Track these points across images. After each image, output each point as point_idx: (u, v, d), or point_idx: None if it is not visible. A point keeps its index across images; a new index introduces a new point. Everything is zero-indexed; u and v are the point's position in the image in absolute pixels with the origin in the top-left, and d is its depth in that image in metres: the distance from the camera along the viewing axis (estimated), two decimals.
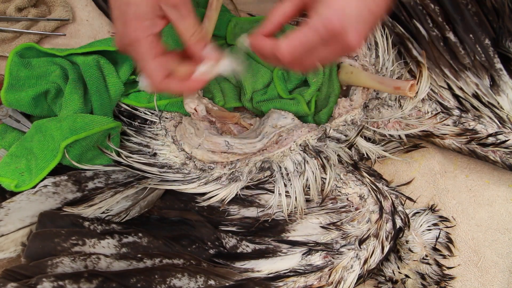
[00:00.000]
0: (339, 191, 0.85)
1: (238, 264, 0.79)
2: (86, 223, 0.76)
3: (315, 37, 0.63)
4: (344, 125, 0.89)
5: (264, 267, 0.79)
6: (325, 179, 0.84)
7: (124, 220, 0.79)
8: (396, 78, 0.94)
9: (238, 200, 0.83)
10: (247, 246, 0.81)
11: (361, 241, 0.82)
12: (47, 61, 0.91)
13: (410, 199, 0.93)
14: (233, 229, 0.81)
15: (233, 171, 0.83)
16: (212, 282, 0.75)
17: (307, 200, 0.85)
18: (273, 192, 0.84)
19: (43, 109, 0.89)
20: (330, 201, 0.85)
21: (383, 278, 0.87)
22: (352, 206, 0.85)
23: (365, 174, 0.86)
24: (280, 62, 0.67)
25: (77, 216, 0.76)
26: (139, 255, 0.74)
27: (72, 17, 1.03)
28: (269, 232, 0.82)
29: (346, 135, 0.88)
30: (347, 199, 0.85)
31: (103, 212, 0.78)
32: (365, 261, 0.82)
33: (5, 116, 0.88)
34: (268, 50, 0.68)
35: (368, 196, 0.84)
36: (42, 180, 0.78)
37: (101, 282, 0.68)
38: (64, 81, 0.88)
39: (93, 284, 0.67)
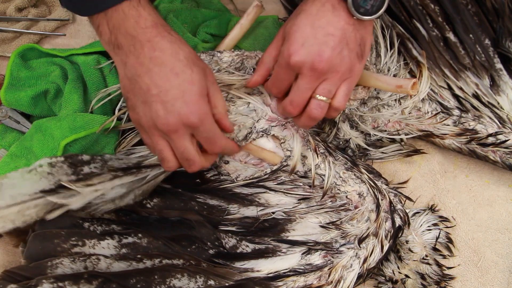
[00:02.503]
0: (338, 189, 0.85)
1: (237, 264, 0.79)
2: (86, 224, 0.76)
3: (281, 71, 0.76)
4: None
5: (263, 267, 0.79)
6: (324, 175, 0.85)
7: (119, 206, 0.79)
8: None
9: (238, 199, 0.83)
10: (247, 246, 0.81)
11: (361, 240, 0.82)
12: (47, 62, 0.91)
13: (409, 198, 0.93)
14: (233, 229, 0.81)
15: None
16: (211, 282, 0.75)
17: (306, 198, 0.85)
18: (273, 191, 0.85)
19: (43, 109, 0.89)
20: (329, 199, 0.85)
21: (383, 278, 0.87)
22: (351, 204, 0.85)
23: (363, 171, 0.86)
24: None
25: (77, 217, 0.76)
26: (139, 256, 0.74)
27: (72, 17, 1.03)
28: (269, 231, 0.82)
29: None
30: (346, 197, 0.85)
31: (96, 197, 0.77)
32: (365, 260, 0.82)
33: (5, 117, 0.88)
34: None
35: (367, 194, 0.85)
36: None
37: (101, 283, 0.68)
38: (64, 81, 0.88)
39: (93, 285, 0.67)
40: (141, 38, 0.67)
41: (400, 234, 0.86)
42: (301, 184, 0.86)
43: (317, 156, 0.84)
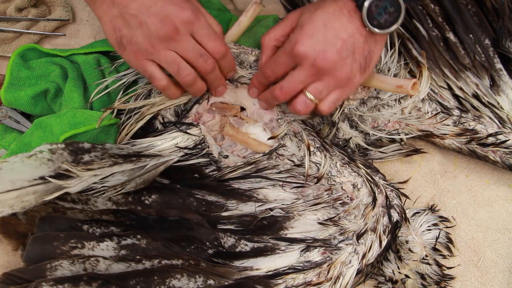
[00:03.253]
0: (334, 180, 0.85)
1: (237, 263, 0.79)
2: (85, 226, 0.76)
3: (283, 55, 0.78)
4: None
5: (263, 265, 0.79)
6: (320, 164, 0.86)
7: (120, 192, 0.79)
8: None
9: (236, 194, 0.83)
10: (246, 244, 0.81)
11: (359, 236, 0.82)
12: (47, 61, 0.92)
13: (405, 195, 0.92)
14: (231, 227, 0.81)
15: None
16: (211, 281, 0.75)
17: (303, 186, 0.86)
18: (270, 179, 0.86)
19: (43, 108, 0.90)
20: (326, 192, 0.85)
21: (383, 278, 0.87)
22: (347, 197, 0.85)
23: (360, 165, 0.87)
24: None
25: (76, 219, 0.76)
26: (138, 257, 0.74)
27: (72, 17, 1.03)
28: (267, 230, 0.82)
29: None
30: (342, 187, 0.85)
31: (96, 182, 0.77)
32: (364, 256, 0.82)
33: (5, 117, 0.89)
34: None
35: (362, 186, 0.85)
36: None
37: (101, 285, 0.68)
38: (64, 80, 0.89)
39: (93, 287, 0.67)
40: None
41: (398, 230, 0.86)
42: (296, 174, 0.86)
43: (309, 154, 0.85)
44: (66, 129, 0.81)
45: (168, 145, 0.85)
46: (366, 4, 0.73)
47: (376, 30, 0.74)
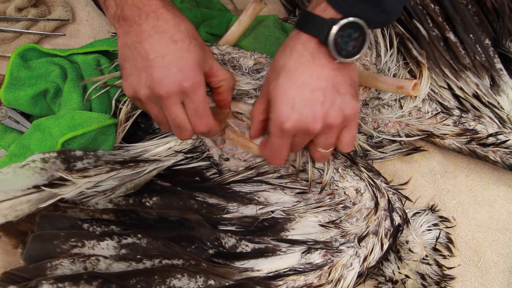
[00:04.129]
0: (336, 185, 0.85)
1: (237, 264, 0.79)
2: (85, 225, 0.75)
3: (277, 139, 0.74)
4: None
5: (263, 266, 0.79)
6: (323, 169, 0.85)
7: (109, 197, 0.79)
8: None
9: (237, 197, 0.83)
10: (247, 245, 0.81)
11: (360, 239, 0.82)
12: (47, 61, 0.91)
13: (407, 198, 0.93)
14: (232, 228, 0.81)
15: None
16: (212, 282, 0.75)
17: (304, 192, 0.85)
18: (272, 185, 0.85)
19: (43, 108, 0.89)
20: (328, 196, 0.85)
21: (383, 278, 0.87)
22: (350, 201, 0.85)
23: (362, 169, 0.87)
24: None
25: (76, 218, 0.76)
26: (139, 256, 0.74)
27: (72, 17, 1.03)
28: (268, 231, 0.82)
29: None
30: (344, 193, 0.85)
31: (88, 188, 0.77)
32: (365, 259, 0.82)
33: (5, 117, 0.88)
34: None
35: (365, 190, 0.85)
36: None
37: (101, 284, 0.67)
38: (63, 80, 0.89)
39: (93, 286, 0.67)
40: (147, 9, 0.71)
41: (399, 233, 0.86)
42: (298, 179, 0.86)
43: (313, 161, 0.85)
44: (65, 131, 0.81)
45: (162, 149, 0.85)
46: (331, 38, 0.68)
47: (347, 59, 0.70)
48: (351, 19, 0.68)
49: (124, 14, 0.72)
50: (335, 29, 0.68)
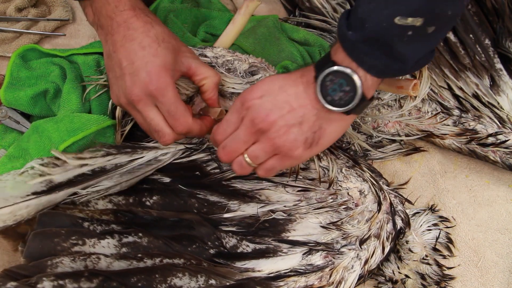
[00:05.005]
0: (340, 185, 0.85)
1: (238, 264, 0.79)
2: (86, 224, 0.75)
3: (233, 111, 0.74)
4: None
5: (264, 267, 0.79)
6: (327, 168, 0.85)
7: (103, 195, 0.80)
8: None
9: (238, 195, 0.83)
10: (248, 246, 0.81)
11: (362, 241, 0.82)
12: (47, 62, 0.91)
13: (409, 201, 0.93)
14: (233, 229, 0.81)
15: None
16: (212, 281, 0.75)
17: (307, 190, 0.85)
18: (273, 182, 0.85)
19: (42, 108, 0.89)
20: (330, 196, 0.85)
21: (383, 278, 0.87)
22: (353, 202, 0.85)
23: (365, 169, 0.87)
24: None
25: (77, 217, 0.76)
26: (139, 255, 0.73)
27: (72, 17, 1.03)
28: (269, 231, 0.82)
29: None
30: (348, 193, 0.85)
31: (86, 188, 0.78)
32: (366, 262, 0.82)
33: (5, 118, 0.88)
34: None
35: (369, 192, 0.85)
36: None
37: (102, 281, 0.67)
38: (63, 80, 0.89)
39: (94, 283, 0.67)
40: (118, 19, 0.74)
41: (401, 236, 0.86)
42: (301, 176, 0.85)
43: (319, 158, 0.84)
44: (65, 137, 0.80)
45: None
46: (321, 76, 0.68)
47: (329, 106, 0.69)
48: (344, 69, 0.67)
49: (100, 23, 0.76)
50: (325, 72, 0.68)
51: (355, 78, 0.67)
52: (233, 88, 0.85)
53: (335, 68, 0.68)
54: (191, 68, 0.78)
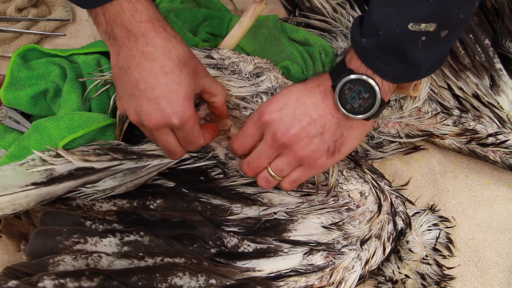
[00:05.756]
0: (340, 187, 0.85)
1: (239, 264, 0.79)
2: (88, 222, 0.75)
3: (251, 125, 0.76)
4: None
5: (265, 267, 0.79)
6: (328, 172, 0.85)
7: (109, 195, 0.80)
8: None
9: (241, 198, 0.83)
10: (249, 245, 0.81)
11: (363, 242, 0.82)
12: (47, 62, 0.91)
13: (410, 201, 0.93)
14: (235, 229, 0.81)
15: None
16: (213, 281, 0.75)
17: (308, 194, 0.85)
18: (278, 189, 0.85)
19: (42, 108, 0.89)
20: (332, 198, 0.85)
21: (383, 278, 0.87)
22: (354, 204, 0.85)
23: (366, 171, 0.87)
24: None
25: (79, 216, 0.76)
26: (141, 254, 0.74)
27: (72, 17, 1.03)
28: (271, 231, 0.82)
29: None
30: (349, 195, 0.85)
31: (88, 187, 0.78)
32: (367, 262, 0.82)
33: (5, 118, 0.88)
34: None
35: (369, 194, 0.85)
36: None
37: (102, 280, 0.67)
38: (63, 80, 0.89)
39: (94, 282, 0.67)
40: (136, 31, 0.68)
41: (402, 237, 0.86)
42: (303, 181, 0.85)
43: None
44: (65, 134, 0.80)
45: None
46: (339, 85, 0.70)
47: (349, 114, 0.70)
48: (362, 76, 0.68)
49: (113, 33, 0.70)
50: (343, 81, 0.69)
51: (373, 84, 0.68)
52: (239, 92, 0.85)
53: (353, 76, 0.69)
54: (205, 88, 0.76)
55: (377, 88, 0.68)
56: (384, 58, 0.67)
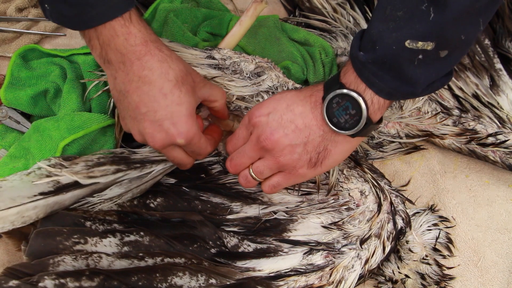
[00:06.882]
0: (341, 186, 0.85)
1: (239, 263, 0.79)
2: (88, 223, 0.76)
3: (242, 127, 0.77)
4: None
5: (265, 266, 0.79)
6: (329, 171, 0.85)
7: (116, 203, 0.79)
8: None
9: (241, 197, 0.84)
10: (249, 245, 0.81)
11: (363, 241, 0.82)
12: (47, 62, 0.92)
13: (410, 201, 0.93)
14: (235, 229, 0.81)
15: None
16: (213, 281, 0.75)
17: (308, 193, 0.85)
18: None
19: (43, 108, 0.89)
20: (332, 197, 0.85)
21: (383, 278, 0.87)
22: (354, 203, 0.85)
23: (367, 170, 0.87)
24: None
25: (79, 216, 0.76)
26: (141, 254, 0.74)
27: None
28: (271, 231, 0.82)
29: None
30: (349, 194, 0.85)
31: (94, 196, 0.78)
32: (366, 261, 0.82)
33: (5, 118, 0.88)
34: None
35: (369, 193, 0.85)
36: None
37: (103, 280, 0.68)
38: (63, 80, 0.89)
39: (95, 282, 0.67)
40: (131, 56, 0.68)
41: (402, 236, 0.86)
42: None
43: None
44: (65, 134, 0.81)
45: None
46: (328, 98, 0.69)
47: (335, 128, 0.70)
48: (351, 92, 0.68)
49: (108, 57, 0.69)
50: (333, 94, 0.69)
51: (361, 102, 0.68)
52: (241, 92, 0.85)
53: (343, 91, 0.68)
54: (205, 98, 0.76)
55: (363, 106, 0.68)
56: (380, 74, 0.66)
